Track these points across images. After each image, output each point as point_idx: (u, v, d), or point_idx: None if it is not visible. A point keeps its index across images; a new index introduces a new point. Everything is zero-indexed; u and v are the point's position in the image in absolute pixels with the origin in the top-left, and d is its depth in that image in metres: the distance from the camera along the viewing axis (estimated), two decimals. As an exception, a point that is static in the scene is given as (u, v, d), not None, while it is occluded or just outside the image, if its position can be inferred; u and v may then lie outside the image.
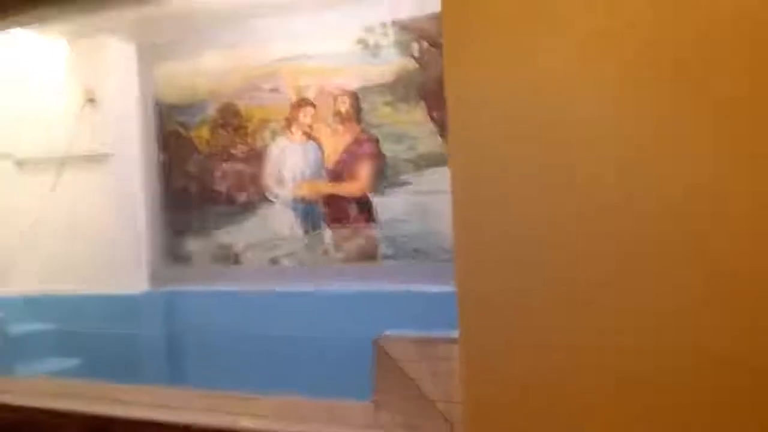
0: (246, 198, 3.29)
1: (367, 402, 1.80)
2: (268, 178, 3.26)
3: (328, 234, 3.11)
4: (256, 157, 3.28)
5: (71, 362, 2.96)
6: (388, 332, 1.80)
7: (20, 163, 3.48)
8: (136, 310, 3.08)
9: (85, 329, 3.02)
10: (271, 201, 3.24)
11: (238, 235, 3.28)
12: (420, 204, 2.92)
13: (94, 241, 3.31)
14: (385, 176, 3.00)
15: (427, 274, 2.79)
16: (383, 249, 2.98)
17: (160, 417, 1.81)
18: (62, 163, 3.36)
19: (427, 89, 2.91)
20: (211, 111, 3.35)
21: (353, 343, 1.92)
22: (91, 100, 3.42)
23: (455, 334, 1.60)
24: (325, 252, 3.11)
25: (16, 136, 3.46)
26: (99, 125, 3.36)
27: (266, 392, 1.91)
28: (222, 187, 3.34)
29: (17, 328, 2.78)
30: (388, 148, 2.99)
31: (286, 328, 2.89)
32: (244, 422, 1.79)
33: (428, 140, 2.91)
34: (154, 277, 3.32)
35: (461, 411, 1.58)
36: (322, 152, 3.14)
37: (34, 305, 3.21)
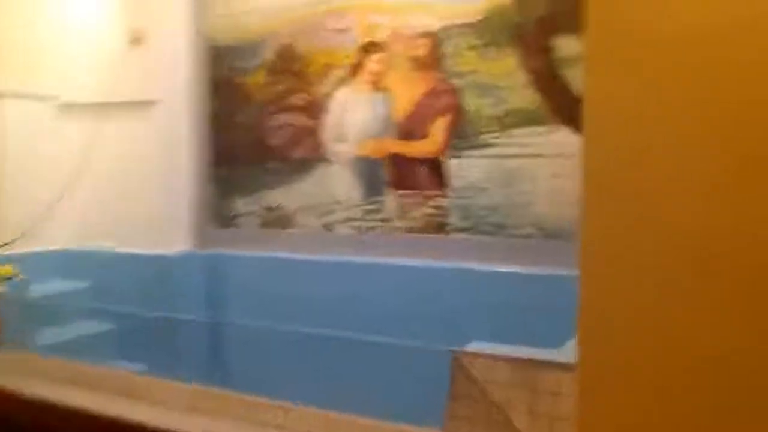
0: (302, 155, 2.90)
1: (437, 430, 1.41)
2: (328, 133, 2.85)
3: (391, 200, 2.69)
4: (316, 108, 2.86)
5: (96, 328, 2.70)
6: (472, 345, 1.38)
7: (64, 108, 3.19)
8: (174, 273, 2.79)
9: (116, 291, 2.75)
10: (329, 160, 2.84)
11: (290, 196, 2.90)
12: (504, 170, 2.45)
13: (134, 196, 3.02)
14: (464, 135, 2.53)
15: (507, 251, 2.37)
16: (456, 221, 2.55)
17: (185, 427, 1.47)
18: (103, 109, 3.05)
19: (523, 31, 2.39)
20: (269, 54, 2.94)
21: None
22: (137, 40, 3.08)
23: (565, 354, 1.21)
24: (387, 220, 2.69)
25: (62, 78, 3.17)
26: (145, 68, 3.03)
27: (308, 401, 1.55)
28: (276, 141, 2.95)
29: (41, 289, 2.52)
30: (469, 102, 2.51)
31: (335, 302, 2.53)
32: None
33: (519, 94, 2.42)
34: (197, 238, 3.01)
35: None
36: (391, 105, 2.69)
37: (64, 262, 2.96)
